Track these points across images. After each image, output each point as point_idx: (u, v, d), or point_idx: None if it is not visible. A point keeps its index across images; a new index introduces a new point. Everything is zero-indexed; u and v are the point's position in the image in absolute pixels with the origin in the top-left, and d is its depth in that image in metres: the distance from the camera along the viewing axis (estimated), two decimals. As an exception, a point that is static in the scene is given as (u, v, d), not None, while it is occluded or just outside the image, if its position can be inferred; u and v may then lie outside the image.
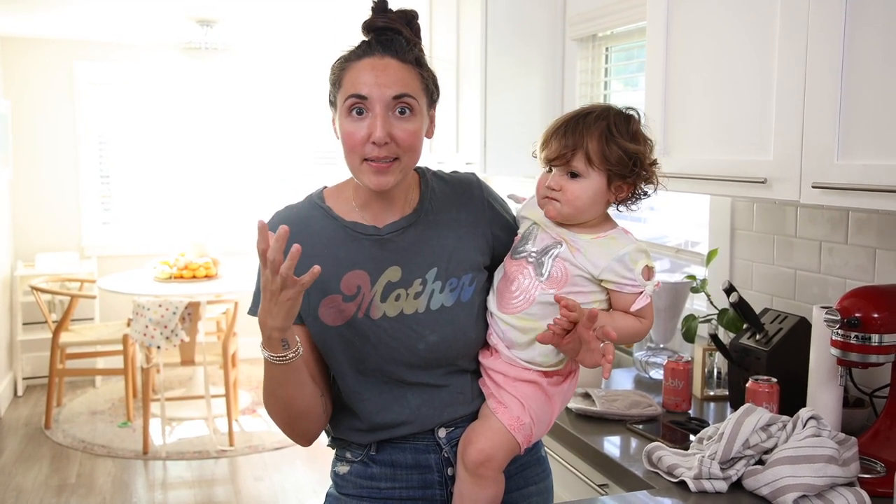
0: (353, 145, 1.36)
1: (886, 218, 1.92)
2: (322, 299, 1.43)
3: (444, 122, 3.57)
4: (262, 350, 1.34)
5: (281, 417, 1.45)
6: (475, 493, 1.43)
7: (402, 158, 1.38)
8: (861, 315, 1.60)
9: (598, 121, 1.40)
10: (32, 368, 6.03)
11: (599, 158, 1.39)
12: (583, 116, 1.42)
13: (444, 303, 1.45)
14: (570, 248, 1.41)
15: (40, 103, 6.08)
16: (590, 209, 1.42)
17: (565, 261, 1.41)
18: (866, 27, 1.47)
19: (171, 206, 6.50)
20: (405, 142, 1.37)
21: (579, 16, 3.15)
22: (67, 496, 4.16)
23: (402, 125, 1.36)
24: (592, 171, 1.40)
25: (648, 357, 2.47)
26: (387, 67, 1.36)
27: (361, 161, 1.37)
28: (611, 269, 1.39)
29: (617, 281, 1.39)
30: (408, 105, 1.36)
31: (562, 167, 1.41)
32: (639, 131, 1.43)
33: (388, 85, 1.35)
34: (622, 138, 1.39)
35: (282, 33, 5.69)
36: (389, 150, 1.35)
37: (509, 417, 1.43)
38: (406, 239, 1.46)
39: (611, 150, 1.39)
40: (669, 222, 2.97)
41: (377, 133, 1.33)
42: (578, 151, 1.39)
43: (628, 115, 1.44)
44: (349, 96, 1.35)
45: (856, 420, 1.89)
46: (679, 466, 1.64)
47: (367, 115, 1.35)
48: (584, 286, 1.41)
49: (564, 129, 1.41)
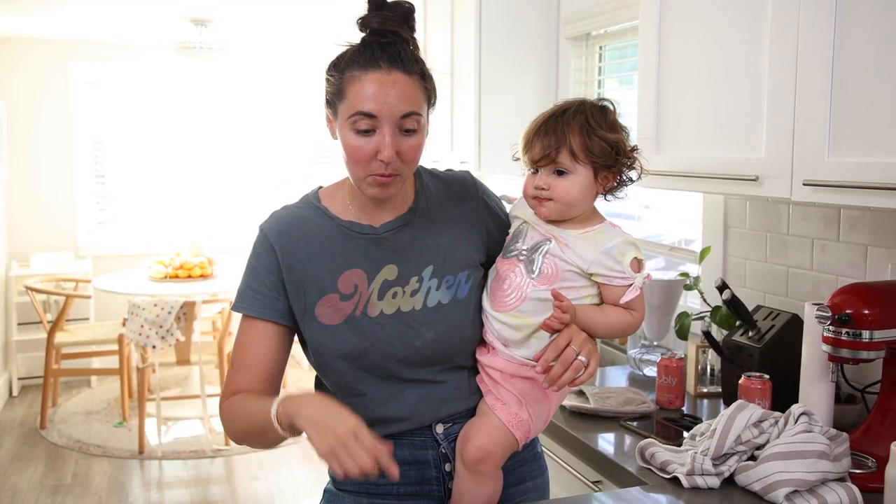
0: (358, 159, 1.37)
1: (878, 215, 1.93)
2: (319, 299, 1.44)
3: (438, 121, 3.58)
4: (276, 424, 1.30)
5: (252, 445, 1.51)
6: (474, 489, 1.44)
7: (404, 172, 1.39)
8: (852, 311, 1.60)
9: (576, 116, 1.41)
10: (28, 368, 6.02)
11: (584, 152, 1.40)
12: (560, 114, 1.42)
13: (440, 300, 1.46)
14: (560, 243, 1.42)
15: (35, 103, 6.07)
16: (581, 203, 1.43)
17: (555, 257, 1.42)
18: (856, 26, 1.48)
19: (166, 206, 6.49)
20: (409, 157, 1.38)
21: (573, 14, 3.15)
22: (63, 496, 4.16)
23: (407, 141, 1.37)
24: (579, 166, 1.41)
25: (642, 354, 2.48)
26: (395, 84, 1.34)
27: (367, 175, 1.38)
28: (599, 262, 1.40)
29: (606, 274, 1.40)
30: (415, 122, 1.37)
31: (548, 167, 1.42)
32: (615, 121, 1.45)
33: (397, 104, 1.34)
34: (602, 129, 1.41)
35: (277, 33, 5.69)
36: (394, 166, 1.36)
37: (507, 414, 1.44)
38: (402, 237, 1.47)
39: (593, 142, 1.40)
40: (664, 220, 2.98)
41: (385, 153, 1.34)
42: (562, 149, 1.40)
43: (603, 107, 1.45)
44: (357, 112, 1.34)
45: (847, 416, 1.90)
46: (672, 463, 1.65)
47: (373, 132, 1.35)
48: (574, 281, 1.41)
49: (545, 128, 1.42)
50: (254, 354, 1.46)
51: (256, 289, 1.46)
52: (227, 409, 1.46)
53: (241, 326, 1.49)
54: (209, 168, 6.55)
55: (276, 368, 1.48)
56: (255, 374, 1.45)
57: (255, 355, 1.46)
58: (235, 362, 1.47)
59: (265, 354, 1.46)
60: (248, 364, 1.46)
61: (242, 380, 1.45)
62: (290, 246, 1.45)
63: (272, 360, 1.47)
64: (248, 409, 1.40)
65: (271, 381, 1.47)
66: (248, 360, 1.46)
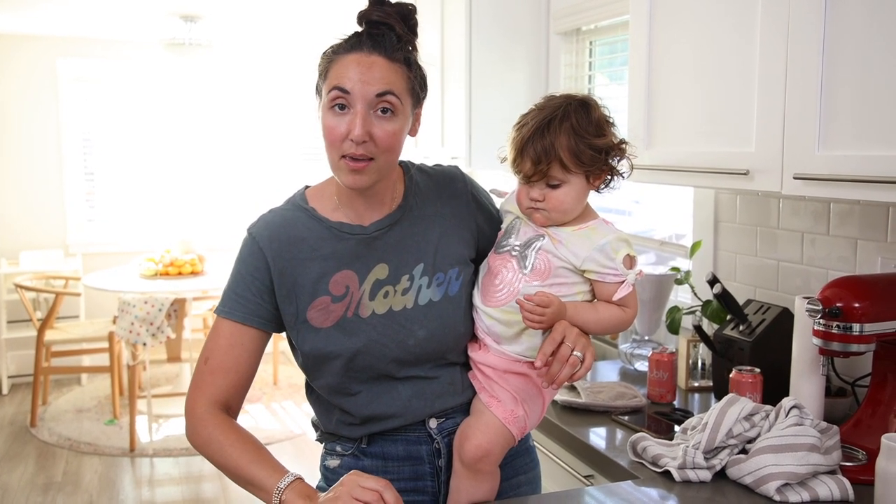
0: (332, 140, 1.36)
1: (867, 209, 1.94)
2: (311, 302, 1.43)
3: (429, 116, 3.58)
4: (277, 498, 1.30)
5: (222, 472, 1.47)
6: (472, 487, 1.44)
7: (379, 159, 1.36)
8: (842, 305, 1.61)
9: (562, 123, 1.38)
10: (17, 367, 6.00)
11: (574, 163, 1.38)
12: (546, 124, 1.39)
13: (431, 298, 1.45)
14: (553, 240, 1.42)
15: (24, 100, 6.03)
16: (576, 208, 1.43)
17: (548, 253, 1.41)
18: (846, 20, 1.49)
19: (156, 203, 6.46)
20: (383, 142, 1.35)
21: (563, 10, 3.15)
22: (54, 494, 4.15)
23: (382, 125, 1.35)
24: (571, 176, 1.39)
25: (633, 349, 2.48)
26: (373, 65, 1.34)
27: (340, 157, 1.36)
28: (592, 258, 1.39)
29: (598, 270, 1.40)
30: (390, 104, 1.35)
31: (540, 181, 1.40)
32: (601, 118, 1.42)
33: (372, 82, 1.33)
34: (589, 136, 1.38)
35: (266, 29, 5.67)
36: (367, 148, 1.34)
37: (504, 411, 1.43)
38: (392, 236, 1.46)
39: (582, 151, 1.38)
40: (655, 215, 2.99)
41: (356, 131, 1.32)
42: (553, 163, 1.38)
43: (586, 104, 1.42)
44: (333, 87, 1.34)
45: (838, 409, 1.91)
46: (664, 456, 1.65)
47: (348, 110, 1.34)
48: (567, 277, 1.41)
49: (532, 142, 1.39)
50: (235, 358, 1.44)
51: (240, 293, 1.44)
52: (212, 430, 1.40)
53: (220, 327, 1.45)
54: (199, 165, 6.52)
55: (252, 374, 1.47)
56: (234, 381, 1.44)
57: (237, 358, 1.44)
58: (213, 363, 1.44)
59: (246, 359, 1.45)
60: (227, 368, 1.43)
61: (221, 385, 1.43)
62: (280, 250, 1.44)
63: (251, 366, 1.46)
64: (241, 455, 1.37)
65: (245, 389, 1.46)
66: (228, 364, 1.43)
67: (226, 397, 1.43)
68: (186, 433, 1.44)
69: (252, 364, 1.46)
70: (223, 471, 1.40)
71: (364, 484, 1.26)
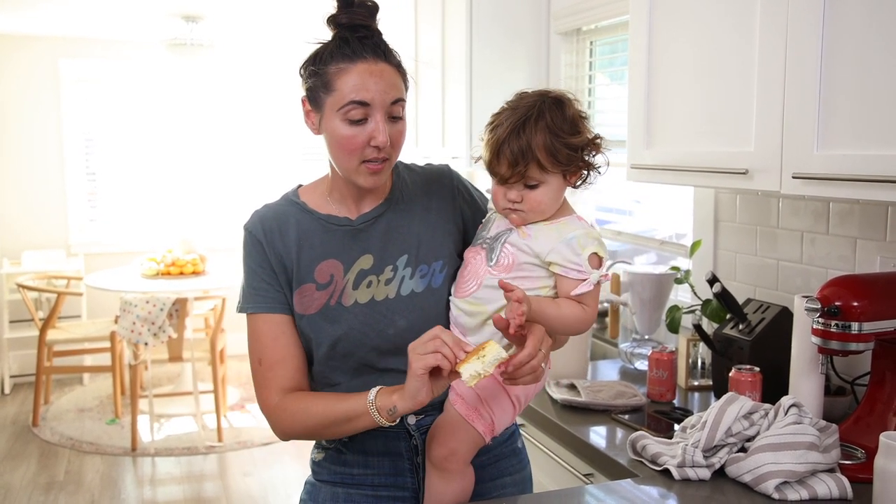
0: (353, 149, 1.39)
1: (867, 208, 1.94)
2: (297, 288, 1.47)
3: (429, 116, 3.58)
4: (377, 417, 1.35)
5: (316, 437, 1.52)
6: (442, 487, 1.43)
7: (392, 157, 1.44)
8: (841, 304, 1.61)
9: (537, 123, 1.37)
10: (20, 366, 6.00)
11: (551, 163, 1.37)
12: (521, 124, 1.38)
13: (414, 289, 1.48)
14: (522, 233, 1.42)
15: (26, 101, 6.05)
16: (553, 206, 1.43)
17: (514, 246, 1.41)
18: (845, 20, 1.49)
19: (157, 203, 6.48)
20: (398, 142, 1.43)
21: (564, 10, 3.16)
22: (56, 494, 4.15)
23: (395, 127, 1.42)
24: (548, 175, 1.38)
25: (633, 348, 2.49)
26: (383, 73, 1.39)
27: (360, 163, 1.40)
28: (557, 251, 1.38)
29: (562, 264, 1.38)
30: (401, 108, 1.42)
31: (518, 182, 1.39)
32: (575, 114, 1.41)
33: (387, 90, 1.39)
34: (565, 135, 1.38)
35: (267, 29, 5.68)
36: (386, 151, 1.41)
37: (466, 409, 1.42)
38: (378, 228, 1.50)
39: (559, 150, 1.37)
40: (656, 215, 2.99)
41: (381, 138, 1.38)
42: (530, 164, 1.37)
43: (560, 101, 1.41)
44: (350, 102, 1.37)
45: (837, 408, 1.91)
46: (663, 455, 1.65)
47: (366, 120, 1.38)
48: (531, 272, 1.40)
49: (507, 143, 1.37)
50: (283, 347, 1.47)
51: (257, 287, 1.48)
52: (290, 405, 1.44)
53: (255, 325, 1.48)
54: (201, 164, 6.53)
55: (304, 356, 1.50)
56: (292, 367, 1.47)
57: (285, 347, 1.47)
58: (266, 361, 1.47)
59: (294, 343, 1.48)
60: (280, 358, 1.46)
61: (283, 375, 1.46)
62: (273, 240, 1.48)
63: (301, 347, 1.49)
64: (326, 402, 1.42)
65: (305, 368, 1.50)
66: (279, 355, 1.46)
67: (291, 384, 1.47)
68: (274, 430, 1.48)
69: (300, 345, 1.49)
70: (322, 432, 1.44)
71: (419, 343, 1.29)
